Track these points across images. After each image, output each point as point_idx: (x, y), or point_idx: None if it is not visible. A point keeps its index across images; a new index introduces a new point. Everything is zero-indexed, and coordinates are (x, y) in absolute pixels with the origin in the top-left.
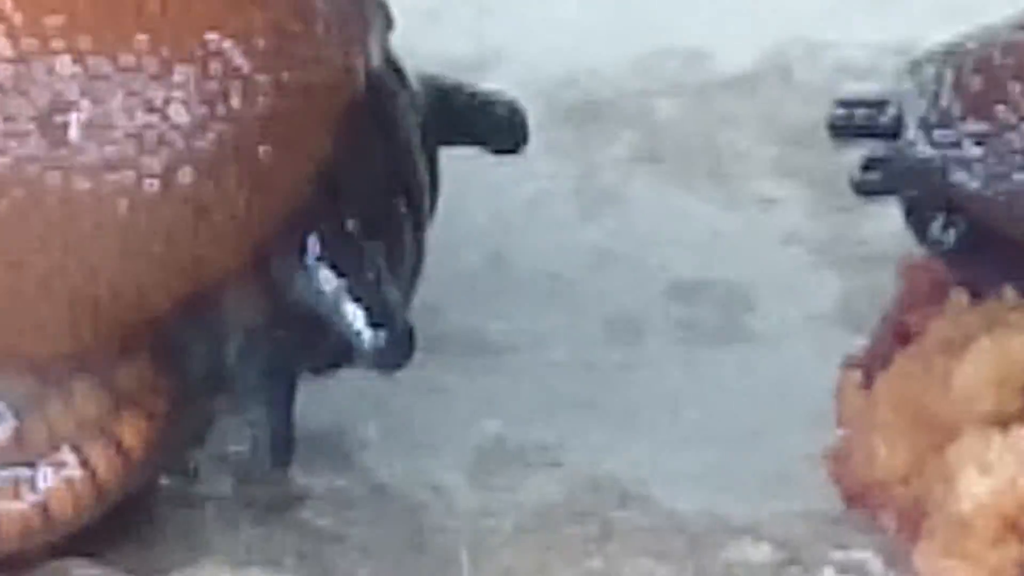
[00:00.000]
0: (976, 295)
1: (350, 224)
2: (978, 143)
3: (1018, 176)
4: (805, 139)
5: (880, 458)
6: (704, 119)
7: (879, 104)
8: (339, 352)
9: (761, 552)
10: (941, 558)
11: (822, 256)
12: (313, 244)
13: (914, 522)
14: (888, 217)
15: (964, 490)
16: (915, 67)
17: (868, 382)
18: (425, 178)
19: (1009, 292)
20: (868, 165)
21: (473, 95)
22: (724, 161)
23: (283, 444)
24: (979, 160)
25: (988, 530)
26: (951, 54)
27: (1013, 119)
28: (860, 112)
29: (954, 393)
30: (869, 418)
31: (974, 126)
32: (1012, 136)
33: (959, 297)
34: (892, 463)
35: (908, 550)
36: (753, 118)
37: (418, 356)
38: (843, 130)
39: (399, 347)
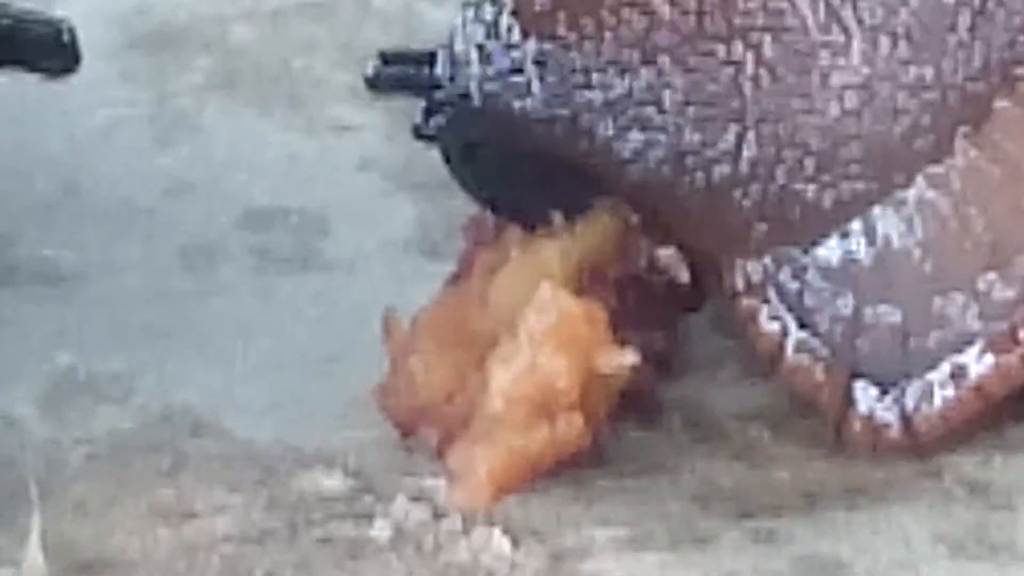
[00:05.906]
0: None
1: None
2: (539, 64)
3: (579, 96)
4: None
5: (420, 381)
6: (280, 44)
7: (420, 58)
8: None
9: (334, 481)
10: (472, 451)
11: (397, 182)
12: None
13: (457, 434)
14: None
15: (494, 387)
16: None
17: None
18: None
19: (557, 217)
20: (430, 110)
21: (16, 16)
22: (300, 87)
23: None
24: (540, 82)
25: (517, 417)
26: None
27: (574, 37)
28: (394, 68)
29: (490, 307)
30: (412, 348)
31: (535, 47)
32: (573, 55)
33: (514, 233)
34: (432, 382)
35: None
36: (330, 44)
37: None
38: (377, 86)
39: None
